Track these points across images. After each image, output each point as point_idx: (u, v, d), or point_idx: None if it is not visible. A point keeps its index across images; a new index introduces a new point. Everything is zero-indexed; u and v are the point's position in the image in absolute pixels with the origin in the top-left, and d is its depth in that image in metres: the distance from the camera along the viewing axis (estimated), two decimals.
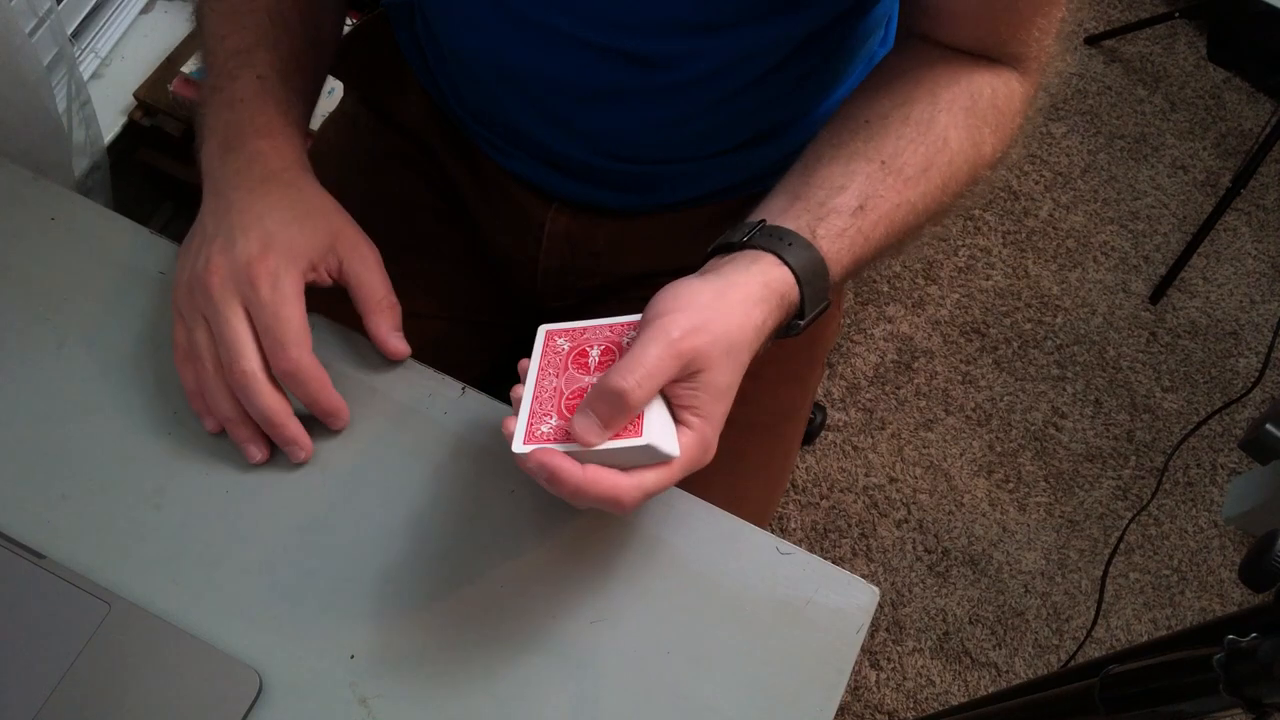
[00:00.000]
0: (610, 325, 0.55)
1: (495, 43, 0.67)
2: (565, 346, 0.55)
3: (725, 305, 0.51)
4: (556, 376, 0.54)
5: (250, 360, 0.56)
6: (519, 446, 0.52)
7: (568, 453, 0.50)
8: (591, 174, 0.73)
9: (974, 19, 0.60)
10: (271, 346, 0.56)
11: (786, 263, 0.54)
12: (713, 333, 0.50)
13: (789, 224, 0.55)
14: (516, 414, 0.53)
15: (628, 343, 0.54)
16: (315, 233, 0.59)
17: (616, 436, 0.50)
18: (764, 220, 0.56)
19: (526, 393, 0.54)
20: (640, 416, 0.50)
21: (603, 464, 0.50)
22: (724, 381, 0.52)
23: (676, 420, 0.52)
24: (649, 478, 0.51)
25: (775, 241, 0.54)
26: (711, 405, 0.52)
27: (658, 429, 0.50)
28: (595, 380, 0.52)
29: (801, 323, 0.56)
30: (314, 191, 0.62)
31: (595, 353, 0.55)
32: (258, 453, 0.59)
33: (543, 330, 0.57)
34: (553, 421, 0.52)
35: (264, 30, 0.64)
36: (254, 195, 0.59)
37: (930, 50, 0.62)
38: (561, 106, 0.68)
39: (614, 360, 0.54)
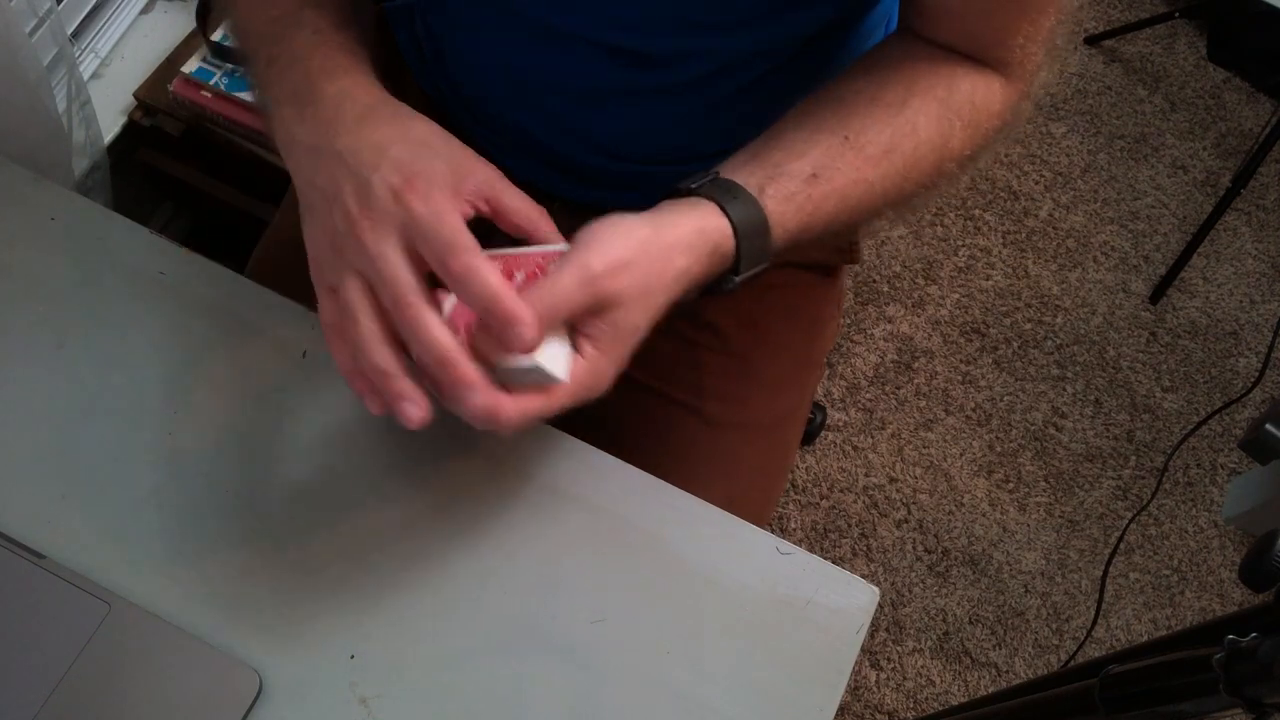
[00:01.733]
0: (542, 253, 0.53)
1: (496, 43, 0.67)
2: (496, 269, 0.53)
3: (654, 248, 0.51)
4: None
5: (415, 293, 0.49)
6: None
7: None
8: (591, 174, 0.73)
9: (959, 17, 0.60)
10: (440, 254, 0.49)
11: (727, 214, 0.54)
12: (634, 274, 0.50)
13: (739, 179, 0.55)
14: None
15: (552, 269, 0.52)
16: (446, 160, 0.53)
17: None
18: (717, 173, 0.56)
19: (445, 305, 0.51)
20: None
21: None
22: (633, 321, 0.51)
23: (575, 347, 0.51)
24: (532, 403, 0.49)
25: (721, 193, 0.54)
26: (614, 342, 0.51)
27: (549, 353, 0.49)
28: None
29: (736, 278, 0.56)
30: (421, 120, 0.55)
31: (520, 277, 0.52)
32: (417, 411, 0.49)
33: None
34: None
35: None
36: (360, 134, 0.52)
37: (918, 44, 0.63)
38: (561, 106, 0.68)
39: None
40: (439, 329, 0.49)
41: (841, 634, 0.57)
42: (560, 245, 0.53)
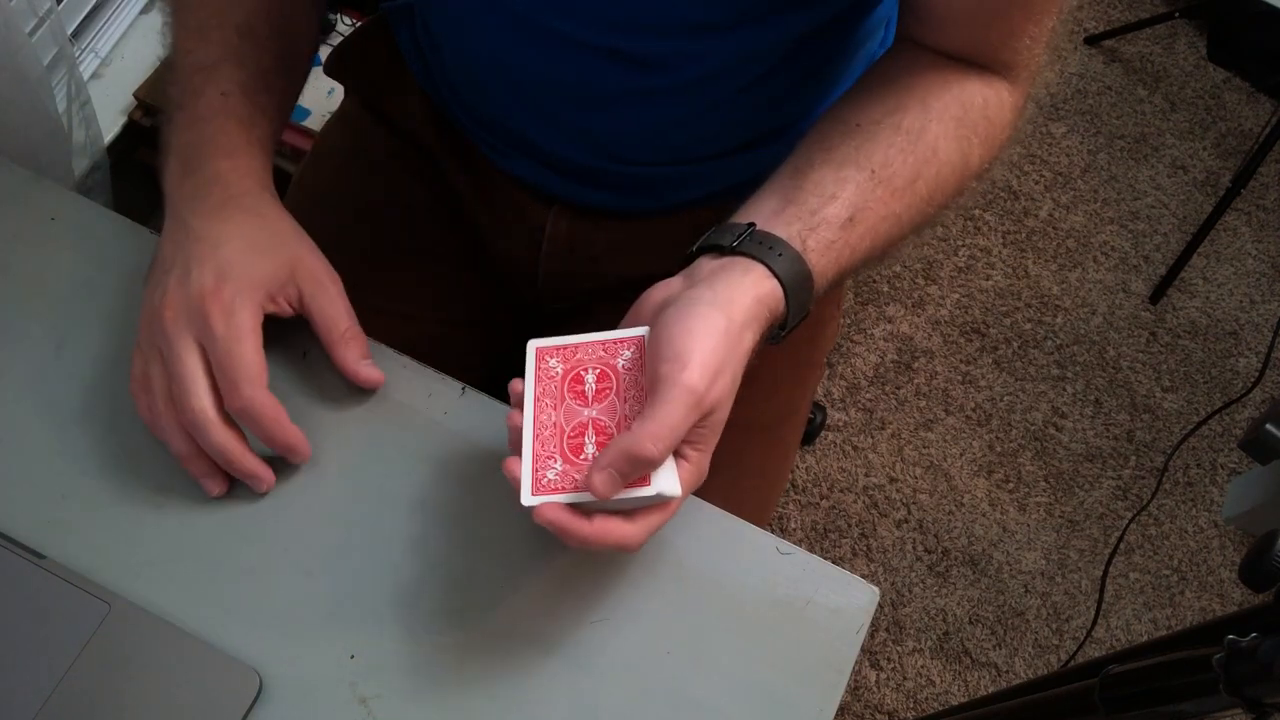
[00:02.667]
0: (603, 343, 0.55)
1: (495, 45, 0.67)
2: (559, 370, 0.55)
3: (733, 338, 0.51)
4: (554, 409, 0.54)
5: (201, 398, 0.55)
6: (528, 499, 0.51)
7: (575, 503, 0.50)
8: (592, 176, 0.73)
9: (966, 24, 0.60)
10: (225, 384, 0.55)
11: (776, 275, 0.54)
12: (727, 378, 0.51)
13: (780, 231, 0.55)
14: (517, 450, 0.53)
15: (623, 365, 0.54)
16: (275, 262, 0.58)
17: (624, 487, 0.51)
18: (754, 224, 0.56)
19: (526, 430, 0.53)
20: None
21: (607, 510, 0.51)
22: (725, 416, 0.52)
23: (677, 454, 0.52)
24: (653, 519, 0.52)
25: (765, 250, 0.54)
26: (711, 439, 0.52)
27: (664, 476, 0.50)
28: (595, 414, 0.53)
29: (782, 333, 0.56)
30: (275, 216, 0.60)
31: (591, 378, 0.54)
32: (215, 487, 0.57)
33: (532, 348, 0.56)
34: (558, 467, 0.52)
35: (231, 46, 0.62)
36: (212, 221, 0.57)
37: (922, 55, 0.62)
38: (562, 109, 0.68)
39: (610, 386, 0.54)
40: (220, 431, 0.55)
41: (841, 634, 0.57)
42: (618, 333, 0.55)
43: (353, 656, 0.55)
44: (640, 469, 0.49)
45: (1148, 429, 1.66)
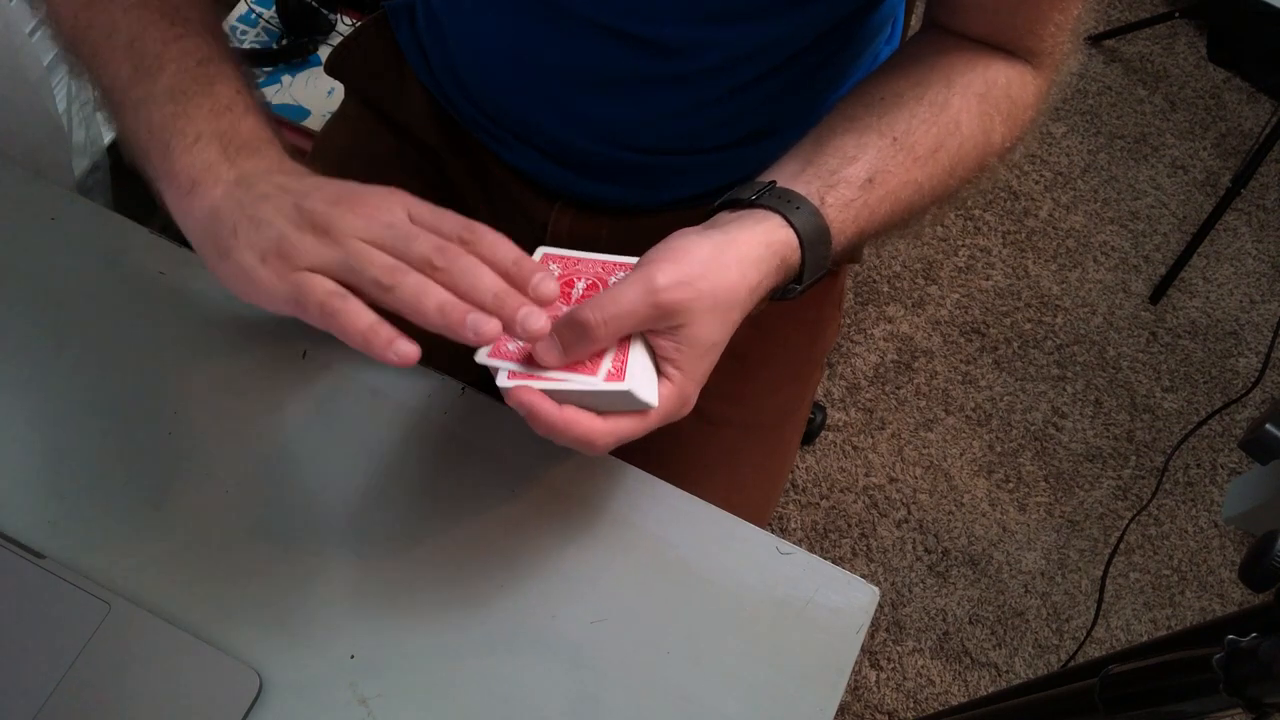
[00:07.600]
0: (603, 262, 0.55)
1: (507, 29, 0.67)
2: (555, 272, 0.55)
3: (720, 262, 0.51)
4: None
5: (422, 233, 0.50)
6: (482, 357, 0.52)
7: (550, 390, 0.50)
8: (596, 166, 0.73)
9: (991, 10, 0.61)
10: (459, 222, 0.51)
11: (792, 225, 0.54)
12: (699, 289, 0.50)
13: (799, 188, 0.56)
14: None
15: (615, 283, 0.54)
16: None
17: (596, 377, 0.50)
18: (774, 182, 0.56)
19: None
20: (624, 363, 0.50)
21: (582, 405, 0.50)
22: (707, 338, 0.51)
23: (660, 372, 0.52)
24: (624, 424, 0.51)
25: (783, 204, 0.55)
26: (693, 360, 0.52)
27: (640, 378, 0.50)
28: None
29: (799, 287, 0.56)
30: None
31: (580, 286, 0.55)
32: (487, 323, 0.48)
33: (540, 251, 0.57)
34: (520, 342, 0.52)
35: (214, 47, 0.59)
36: (312, 179, 0.53)
37: (948, 38, 0.63)
38: (571, 93, 0.69)
39: None
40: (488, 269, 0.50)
41: (841, 634, 0.57)
42: (620, 258, 0.55)
43: (353, 656, 0.55)
44: (583, 341, 0.49)
45: (1148, 429, 1.66)
